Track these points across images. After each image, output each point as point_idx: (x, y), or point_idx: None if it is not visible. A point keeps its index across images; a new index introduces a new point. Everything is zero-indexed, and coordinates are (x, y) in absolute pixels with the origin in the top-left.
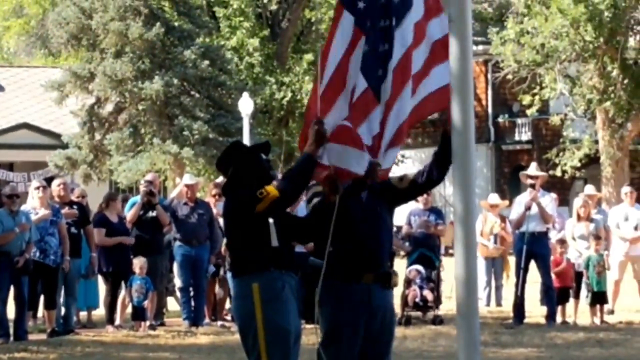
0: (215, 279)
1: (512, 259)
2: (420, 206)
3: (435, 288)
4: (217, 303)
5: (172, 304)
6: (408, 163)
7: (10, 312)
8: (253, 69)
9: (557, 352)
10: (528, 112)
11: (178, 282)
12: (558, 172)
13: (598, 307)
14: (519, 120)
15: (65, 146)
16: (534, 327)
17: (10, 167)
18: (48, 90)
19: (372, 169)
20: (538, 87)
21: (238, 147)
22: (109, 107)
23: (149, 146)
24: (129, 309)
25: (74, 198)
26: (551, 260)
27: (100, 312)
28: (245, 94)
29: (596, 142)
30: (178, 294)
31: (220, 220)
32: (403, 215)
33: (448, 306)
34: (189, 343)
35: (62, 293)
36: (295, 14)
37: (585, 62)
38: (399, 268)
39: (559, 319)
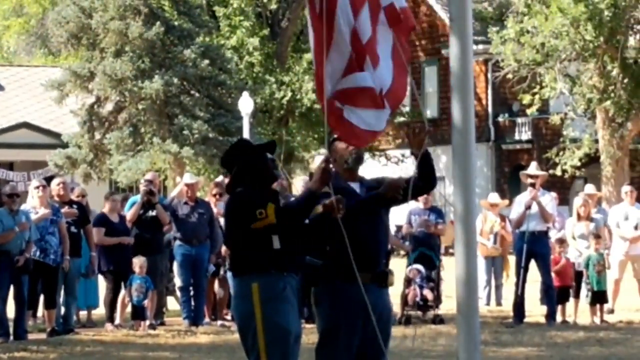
0: (215, 279)
1: (512, 258)
2: (420, 205)
3: (436, 287)
4: (217, 302)
5: (172, 303)
6: (408, 163)
7: (10, 311)
8: (253, 68)
9: (557, 352)
10: (528, 111)
11: (178, 282)
12: (558, 172)
13: (598, 306)
14: (519, 120)
15: (65, 145)
16: (534, 326)
17: (10, 166)
18: (48, 90)
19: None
20: (538, 86)
21: (244, 146)
22: (109, 107)
23: (149, 145)
24: (129, 308)
25: (73, 197)
26: (551, 259)
27: (100, 311)
28: (245, 93)
29: (596, 141)
30: (178, 293)
31: (221, 220)
32: (403, 215)
33: (448, 305)
34: (189, 342)
35: (62, 292)
36: (295, 14)
37: (585, 62)
38: (399, 267)
39: (559, 318)
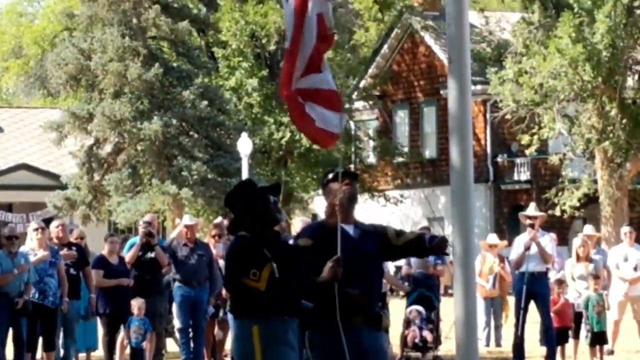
0: (215, 320)
1: (511, 299)
2: None
3: (435, 328)
4: (216, 345)
5: (172, 345)
6: (407, 203)
7: (9, 353)
8: (252, 109)
9: None
10: (527, 151)
11: (177, 323)
12: (557, 212)
13: (598, 347)
14: (518, 160)
15: (64, 187)
16: None
17: (9, 207)
18: (47, 131)
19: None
20: (537, 126)
21: (247, 187)
22: (107, 148)
23: (147, 187)
24: (128, 350)
25: (72, 239)
26: (550, 300)
27: (99, 353)
28: (244, 134)
29: (595, 181)
30: (177, 335)
31: (220, 262)
32: None
33: (447, 347)
34: None
35: (61, 335)
36: None
37: (583, 102)
38: (399, 308)
39: (558, 359)
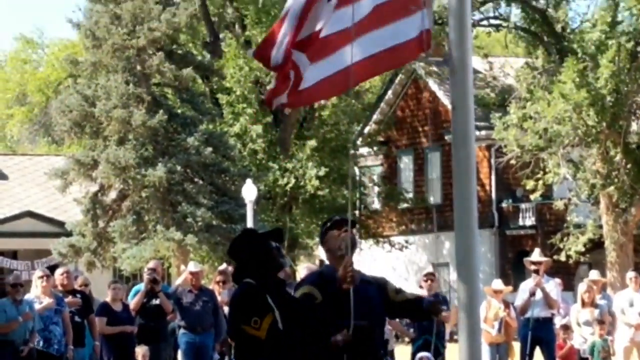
0: None
1: (516, 345)
2: (424, 292)
3: None
4: None
5: None
6: (412, 249)
7: None
8: (256, 155)
9: None
10: (532, 197)
11: None
12: (562, 257)
13: None
14: (523, 205)
15: (68, 234)
16: None
17: (14, 255)
18: (51, 178)
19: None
20: (541, 171)
21: (248, 235)
22: (112, 195)
23: (152, 233)
24: None
25: (77, 286)
26: (556, 345)
27: None
28: (248, 180)
29: (600, 226)
30: None
31: (225, 308)
32: None
33: None
34: None
35: None
36: None
37: (588, 147)
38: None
39: None
